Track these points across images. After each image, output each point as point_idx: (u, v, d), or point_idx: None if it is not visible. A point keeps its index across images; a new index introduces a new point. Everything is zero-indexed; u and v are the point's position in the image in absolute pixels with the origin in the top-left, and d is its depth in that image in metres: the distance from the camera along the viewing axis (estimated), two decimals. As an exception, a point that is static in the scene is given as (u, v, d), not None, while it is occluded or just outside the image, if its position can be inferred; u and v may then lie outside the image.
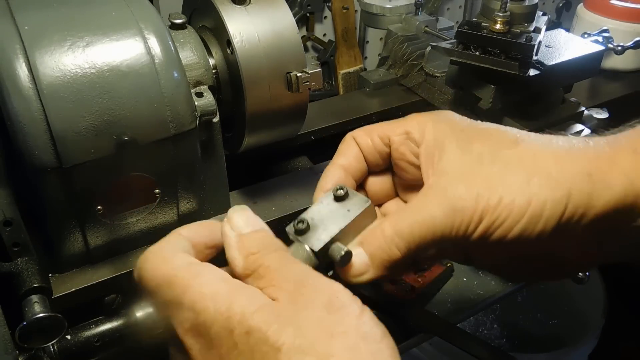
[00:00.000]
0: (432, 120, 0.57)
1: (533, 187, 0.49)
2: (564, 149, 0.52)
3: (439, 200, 0.51)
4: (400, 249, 0.51)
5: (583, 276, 1.03)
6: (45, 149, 0.54)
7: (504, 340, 1.98)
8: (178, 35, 0.67)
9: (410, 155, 0.58)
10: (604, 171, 0.49)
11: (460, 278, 1.03)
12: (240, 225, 0.49)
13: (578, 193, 0.49)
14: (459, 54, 0.90)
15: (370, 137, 0.60)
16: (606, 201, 0.49)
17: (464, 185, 0.51)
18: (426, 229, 0.50)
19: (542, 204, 0.49)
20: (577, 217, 0.49)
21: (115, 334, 0.67)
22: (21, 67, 0.53)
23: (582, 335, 1.70)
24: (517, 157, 0.52)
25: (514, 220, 0.49)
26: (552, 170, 0.50)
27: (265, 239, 0.48)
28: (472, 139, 0.54)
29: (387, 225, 0.52)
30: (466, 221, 0.50)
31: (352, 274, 0.52)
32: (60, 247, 0.62)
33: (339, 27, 1.55)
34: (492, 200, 0.49)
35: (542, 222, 0.49)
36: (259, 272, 0.46)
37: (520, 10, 0.89)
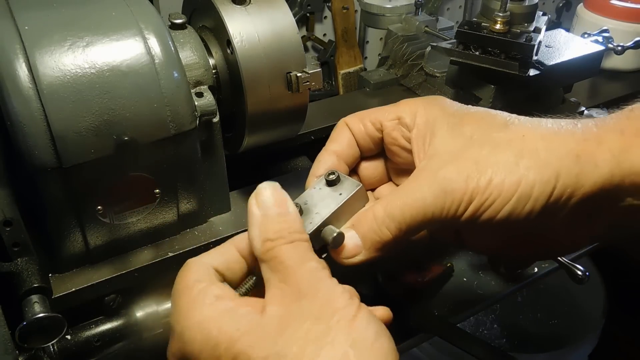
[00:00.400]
0: (423, 105, 0.58)
1: (522, 168, 0.50)
2: (553, 131, 0.53)
3: (429, 182, 0.51)
4: (391, 230, 0.52)
5: (583, 276, 1.03)
6: (45, 149, 0.54)
7: (504, 340, 1.98)
8: (178, 35, 0.67)
9: (402, 139, 0.59)
10: (592, 152, 0.50)
11: (460, 278, 1.04)
12: (267, 204, 0.50)
13: (566, 173, 0.49)
14: (459, 54, 0.90)
15: (363, 123, 0.61)
16: (594, 181, 0.49)
17: (454, 167, 0.51)
18: (416, 210, 0.51)
19: (531, 185, 0.49)
20: (566, 197, 0.50)
21: (115, 334, 0.67)
22: (21, 67, 0.53)
23: (582, 335, 1.70)
24: (507, 139, 0.52)
25: (503, 200, 0.50)
26: (541, 151, 0.51)
27: (285, 225, 0.49)
28: (462, 122, 0.55)
29: (379, 208, 0.53)
30: (456, 202, 0.50)
31: (345, 255, 0.53)
32: (60, 247, 0.62)
33: (339, 27, 1.55)
34: (482, 181, 0.50)
35: (531, 202, 0.49)
36: (274, 264, 0.47)
37: (520, 10, 0.89)
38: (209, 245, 0.70)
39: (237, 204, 0.76)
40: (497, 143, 0.52)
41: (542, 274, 1.08)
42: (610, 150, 0.50)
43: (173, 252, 0.68)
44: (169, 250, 0.68)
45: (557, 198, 0.50)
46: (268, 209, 0.50)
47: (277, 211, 0.50)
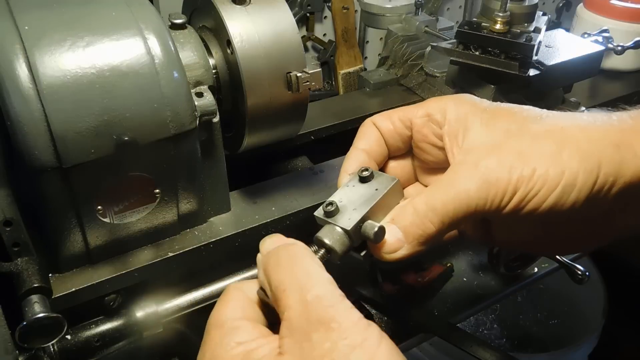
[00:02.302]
0: (453, 102, 0.58)
1: (565, 158, 0.50)
2: (590, 122, 0.53)
3: (471, 174, 0.51)
4: (434, 224, 0.51)
5: (583, 276, 1.03)
6: (45, 149, 0.54)
7: (504, 340, 1.98)
8: (178, 35, 0.67)
9: (433, 137, 0.59)
10: (630, 142, 0.50)
11: (460, 278, 1.04)
12: (269, 248, 0.50)
13: (608, 163, 0.50)
14: (459, 54, 0.90)
15: (391, 121, 0.61)
16: (634, 170, 0.50)
17: (495, 159, 0.51)
18: (459, 202, 0.50)
19: (575, 174, 0.49)
20: (608, 186, 0.50)
21: (115, 334, 0.67)
22: (21, 67, 0.53)
23: (582, 335, 1.70)
24: (545, 131, 0.52)
25: (548, 190, 0.49)
26: (582, 141, 0.51)
27: (284, 254, 0.47)
28: (495, 116, 0.55)
29: (419, 201, 0.52)
30: (500, 193, 0.50)
31: (387, 250, 0.52)
32: (60, 247, 0.62)
33: (339, 27, 1.56)
34: (525, 171, 0.50)
35: (576, 192, 0.49)
36: (276, 295, 0.45)
37: (520, 10, 0.89)
38: (209, 245, 0.70)
39: (237, 204, 0.76)
40: (537, 134, 0.52)
41: (542, 274, 1.08)
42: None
43: (173, 252, 0.68)
44: (169, 250, 0.68)
45: (600, 187, 0.50)
46: (267, 248, 0.50)
47: (275, 245, 0.50)
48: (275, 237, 0.52)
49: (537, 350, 1.81)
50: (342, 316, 0.42)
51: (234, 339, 0.46)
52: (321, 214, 0.54)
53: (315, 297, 0.43)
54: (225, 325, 0.48)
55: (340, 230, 0.52)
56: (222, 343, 0.46)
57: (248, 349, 0.45)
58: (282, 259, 0.47)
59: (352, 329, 0.42)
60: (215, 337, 0.47)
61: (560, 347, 1.67)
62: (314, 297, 0.43)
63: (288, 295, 0.44)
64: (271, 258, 0.48)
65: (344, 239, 0.52)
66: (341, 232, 0.52)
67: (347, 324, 0.42)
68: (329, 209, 0.53)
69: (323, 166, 0.85)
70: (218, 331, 0.47)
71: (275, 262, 0.47)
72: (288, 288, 0.45)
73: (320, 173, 0.83)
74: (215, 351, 0.46)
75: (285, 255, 0.47)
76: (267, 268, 0.47)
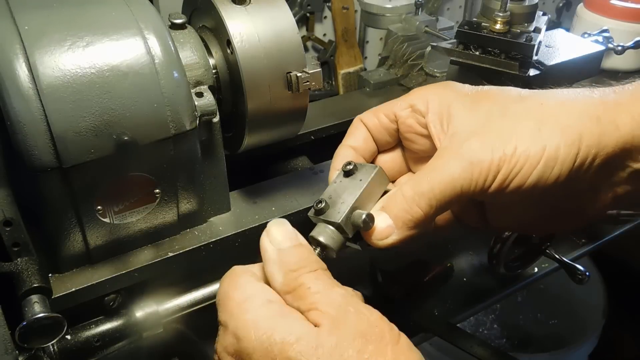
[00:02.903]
0: (434, 90, 0.60)
1: (545, 134, 0.51)
2: (570, 97, 0.54)
3: (455, 157, 0.52)
4: (422, 208, 0.52)
5: (583, 276, 1.03)
6: (45, 149, 0.54)
7: (504, 340, 1.98)
8: (178, 35, 0.67)
9: (417, 126, 0.60)
10: (612, 114, 0.51)
11: (460, 278, 1.04)
12: (280, 240, 0.50)
13: (589, 135, 0.50)
14: (459, 54, 0.90)
15: (377, 117, 0.62)
16: (615, 142, 0.51)
17: (477, 140, 0.52)
18: (445, 185, 0.51)
19: (556, 148, 0.50)
20: (590, 158, 0.51)
21: (115, 334, 0.67)
22: (21, 67, 0.53)
23: (582, 335, 1.70)
24: (525, 109, 0.53)
25: (530, 166, 0.50)
26: (562, 116, 0.52)
27: (304, 256, 0.49)
28: (477, 100, 0.56)
29: (407, 188, 0.53)
30: (484, 173, 0.51)
31: (378, 237, 0.53)
32: (60, 247, 0.62)
33: (339, 27, 1.55)
34: (507, 150, 0.50)
35: (558, 166, 0.50)
36: (299, 292, 0.47)
37: (520, 10, 0.89)
38: (209, 245, 0.70)
39: (237, 204, 0.76)
40: (517, 114, 0.53)
41: (542, 274, 1.08)
42: (630, 112, 0.51)
43: (173, 252, 0.68)
44: (169, 250, 0.68)
45: (583, 160, 0.50)
46: (281, 243, 0.50)
47: (291, 244, 0.50)
48: (283, 227, 0.52)
49: (537, 350, 1.81)
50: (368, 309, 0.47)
51: (263, 296, 0.47)
52: (312, 214, 0.56)
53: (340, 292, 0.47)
54: (246, 287, 0.49)
55: (332, 226, 0.54)
56: (251, 299, 0.47)
57: (281, 309, 0.46)
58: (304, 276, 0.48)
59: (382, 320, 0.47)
60: (240, 295, 0.48)
61: (560, 347, 1.67)
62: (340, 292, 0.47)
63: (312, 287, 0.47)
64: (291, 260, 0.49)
65: (336, 234, 0.54)
66: (332, 229, 0.54)
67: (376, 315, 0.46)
68: (319, 207, 0.55)
69: (323, 166, 0.85)
70: (240, 291, 0.48)
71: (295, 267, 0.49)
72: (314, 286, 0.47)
73: (320, 173, 0.83)
74: (245, 305, 0.47)
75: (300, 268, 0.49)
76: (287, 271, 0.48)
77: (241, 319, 0.46)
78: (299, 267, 0.48)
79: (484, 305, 1.04)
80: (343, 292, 0.47)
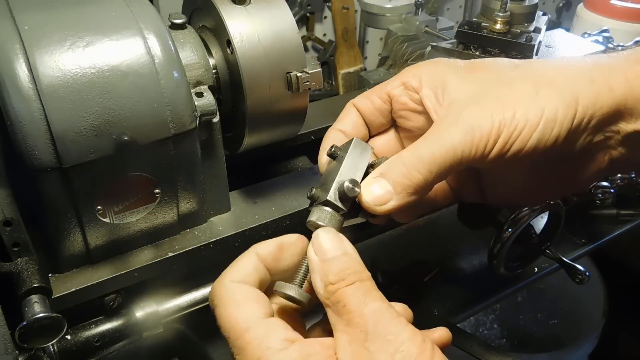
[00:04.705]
0: (426, 66, 0.60)
1: (542, 97, 0.51)
2: (564, 62, 0.55)
3: (454, 124, 0.52)
4: (421, 173, 0.52)
5: (583, 276, 1.03)
6: (45, 149, 0.54)
7: (504, 340, 1.98)
8: (178, 35, 0.67)
9: (411, 102, 0.60)
10: (605, 75, 0.52)
11: (461, 278, 1.04)
12: (324, 249, 0.50)
13: (585, 96, 0.51)
14: (459, 54, 0.90)
15: (370, 99, 0.63)
16: (610, 103, 0.52)
17: (477, 107, 0.53)
18: (446, 151, 0.51)
19: (554, 110, 0.51)
20: (587, 119, 0.52)
21: (115, 334, 0.67)
22: (21, 67, 0.53)
23: (582, 335, 1.70)
24: (521, 75, 0.54)
25: (530, 129, 0.51)
26: (557, 79, 0.52)
27: (345, 266, 0.48)
28: (471, 70, 0.57)
29: (406, 154, 0.53)
30: (484, 138, 0.51)
31: (377, 202, 0.53)
32: (60, 247, 0.62)
33: (339, 27, 1.56)
34: (506, 114, 0.51)
35: (557, 127, 0.51)
36: (338, 308, 0.47)
37: (520, 10, 0.89)
38: (209, 245, 0.70)
39: (237, 204, 0.76)
40: (513, 80, 0.54)
41: (542, 274, 1.08)
42: (624, 75, 0.52)
43: (173, 252, 0.68)
44: (169, 250, 0.68)
45: (580, 121, 0.51)
46: (325, 253, 0.49)
47: (334, 254, 0.49)
48: (327, 236, 0.51)
49: (537, 350, 1.80)
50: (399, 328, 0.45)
51: (278, 336, 0.46)
52: (309, 204, 0.56)
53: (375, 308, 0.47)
54: (255, 329, 0.47)
55: (325, 207, 0.54)
56: (265, 342, 0.46)
57: (305, 352, 0.46)
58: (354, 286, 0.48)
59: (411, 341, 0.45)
60: (254, 338, 0.47)
61: (560, 347, 1.67)
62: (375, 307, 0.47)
63: (348, 304, 0.47)
64: (331, 272, 0.48)
65: (331, 214, 0.53)
66: (327, 209, 0.54)
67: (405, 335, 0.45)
68: (309, 195, 0.55)
69: (323, 166, 0.85)
70: (254, 332, 0.47)
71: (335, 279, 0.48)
72: (349, 303, 0.47)
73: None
74: (262, 354, 0.46)
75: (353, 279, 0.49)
76: (327, 283, 0.48)
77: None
78: (337, 280, 0.48)
79: (484, 305, 1.04)
80: (376, 309, 0.46)
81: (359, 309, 0.46)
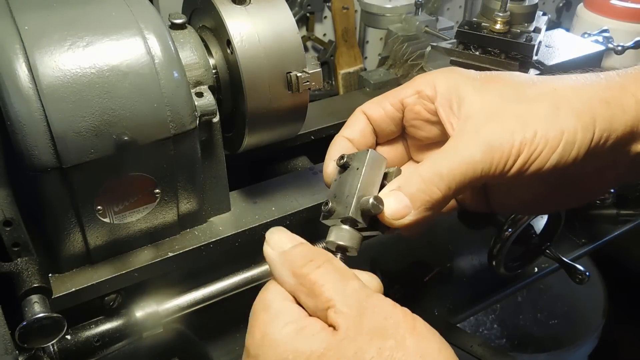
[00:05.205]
0: (441, 75, 0.59)
1: (562, 118, 0.52)
2: (580, 82, 0.55)
3: (474, 141, 0.53)
4: (440, 189, 0.52)
5: (583, 276, 1.03)
6: (45, 149, 0.54)
7: (504, 340, 1.98)
8: (178, 35, 0.67)
9: (425, 113, 0.60)
10: (618, 97, 0.53)
11: (461, 278, 1.04)
12: (280, 244, 0.51)
13: (601, 119, 0.52)
14: (459, 54, 0.90)
15: (382, 106, 0.62)
16: (624, 125, 0.53)
17: (497, 124, 0.53)
18: (465, 168, 0.52)
19: (574, 132, 0.52)
20: (603, 141, 0.53)
21: (115, 334, 0.67)
22: (21, 67, 0.53)
23: (582, 335, 1.69)
24: (539, 93, 0.54)
25: (550, 150, 0.52)
26: (574, 101, 0.53)
27: (308, 252, 0.49)
28: (487, 82, 0.57)
29: (425, 168, 0.53)
30: (505, 157, 0.52)
31: (395, 217, 0.53)
32: (60, 247, 0.62)
33: (339, 27, 1.55)
34: (527, 133, 0.52)
35: (576, 148, 0.52)
36: (313, 290, 0.47)
37: (520, 10, 0.89)
38: (209, 245, 0.70)
39: (237, 204, 0.76)
40: (532, 97, 0.54)
41: (542, 274, 1.08)
42: (635, 96, 0.53)
43: (173, 252, 0.68)
44: (169, 250, 0.68)
45: (597, 143, 0.52)
46: (282, 246, 0.50)
47: (292, 244, 0.50)
48: (281, 232, 0.52)
49: (537, 350, 1.80)
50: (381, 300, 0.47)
51: (283, 319, 0.47)
52: (323, 218, 0.55)
53: (354, 285, 0.47)
54: (272, 307, 0.48)
55: (345, 225, 0.54)
56: (272, 323, 0.47)
57: (299, 326, 0.46)
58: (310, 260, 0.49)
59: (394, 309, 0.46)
60: (264, 318, 0.48)
61: (560, 347, 1.67)
62: (354, 285, 0.47)
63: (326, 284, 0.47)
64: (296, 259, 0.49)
65: (351, 231, 0.53)
66: (346, 227, 0.54)
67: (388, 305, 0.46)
68: (326, 209, 0.54)
69: (323, 166, 0.85)
70: (265, 313, 0.48)
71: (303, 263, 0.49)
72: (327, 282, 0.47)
73: (320, 173, 0.83)
74: (265, 330, 0.47)
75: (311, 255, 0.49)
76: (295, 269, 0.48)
77: (262, 346, 0.47)
78: (305, 264, 0.48)
79: (484, 305, 1.04)
80: (356, 286, 0.47)
81: (340, 290, 0.46)
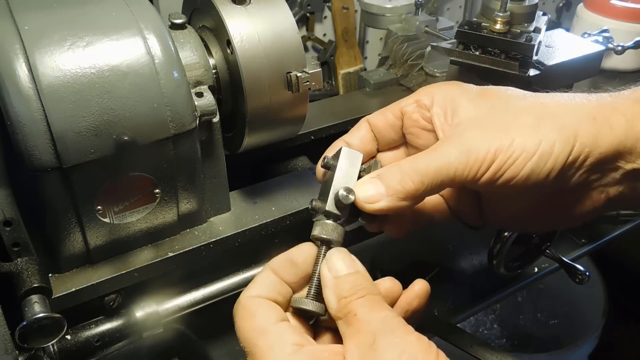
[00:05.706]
0: (440, 86, 0.63)
1: (543, 129, 0.53)
2: (569, 98, 0.57)
3: (454, 143, 0.55)
4: (414, 182, 0.54)
5: (583, 276, 1.03)
6: (45, 149, 0.54)
7: (504, 340, 1.98)
8: (178, 35, 0.67)
9: (422, 121, 0.62)
10: (607, 115, 0.54)
11: (461, 278, 1.04)
12: (337, 268, 0.53)
13: (584, 134, 0.53)
14: (459, 54, 0.90)
15: (384, 115, 0.65)
16: (609, 143, 0.53)
17: (478, 129, 0.55)
18: (440, 165, 0.54)
19: (552, 143, 0.52)
20: (583, 156, 0.53)
21: (115, 334, 0.67)
22: (21, 67, 0.53)
23: (582, 335, 1.70)
24: (527, 106, 0.56)
25: (525, 159, 0.52)
26: (560, 114, 0.54)
27: (357, 282, 0.52)
28: (482, 95, 0.59)
29: (404, 162, 0.56)
30: (479, 161, 0.53)
31: (367, 200, 0.55)
32: (60, 247, 0.62)
33: (339, 27, 1.55)
34: (505, 140, 0.53)
35: (552, 160, 0.52)
36: (348, 319, 0.50)
37: (520, 10, 0.89)
38: (208, 245, 0.70)
39: (237, 204, 0.76)
40: (519, 109, 0.56)
41: (542, 274, 1.08)
42: (624, 115, 0.53)
43: (173, 252, 0.68)
44: (169, 250, 0.68)
45: (576, 157, 0.53)
46: (338, 271, 0.53)
47: (347, 272, 0.53)
48: (341, 256, 0.54)
49: (537, 350, 1.80)
50: (405, 332, 0.48)
51: (288, 340, 0.49)
52: (312, 216, 0.58)
53: (384, 315, 0.49)
54: (269, 331, 0.50)
55: (327, 219, 0.57)
56: (277, 346, 0.49)
57: (314, 355, 0.48)
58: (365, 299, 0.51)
59: (416, 344, 0.48)
60: (265, 347, 0.49)
61: (560, 347, 1.67)
62: (383, 315, 0.49)
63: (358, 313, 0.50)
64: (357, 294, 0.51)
65: (332, 225, 0.56)
66: (329, 221, 0.57)
67: (412, 339, 0.47)
68: (312, 206, 0.58)
69: (323, 166, 0.85)
70: (265, 338, 0.50)
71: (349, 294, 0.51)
72: (359, 312, 0.49)
73: (320, 173, 0.83)
74: (274, 357, 0.48)
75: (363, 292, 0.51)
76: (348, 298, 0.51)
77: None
78: (350, 294, 0.50)
79: (484, 305, 1.04)
80: (384, 316, 0.49)
81: (368, 317, 0.49)
